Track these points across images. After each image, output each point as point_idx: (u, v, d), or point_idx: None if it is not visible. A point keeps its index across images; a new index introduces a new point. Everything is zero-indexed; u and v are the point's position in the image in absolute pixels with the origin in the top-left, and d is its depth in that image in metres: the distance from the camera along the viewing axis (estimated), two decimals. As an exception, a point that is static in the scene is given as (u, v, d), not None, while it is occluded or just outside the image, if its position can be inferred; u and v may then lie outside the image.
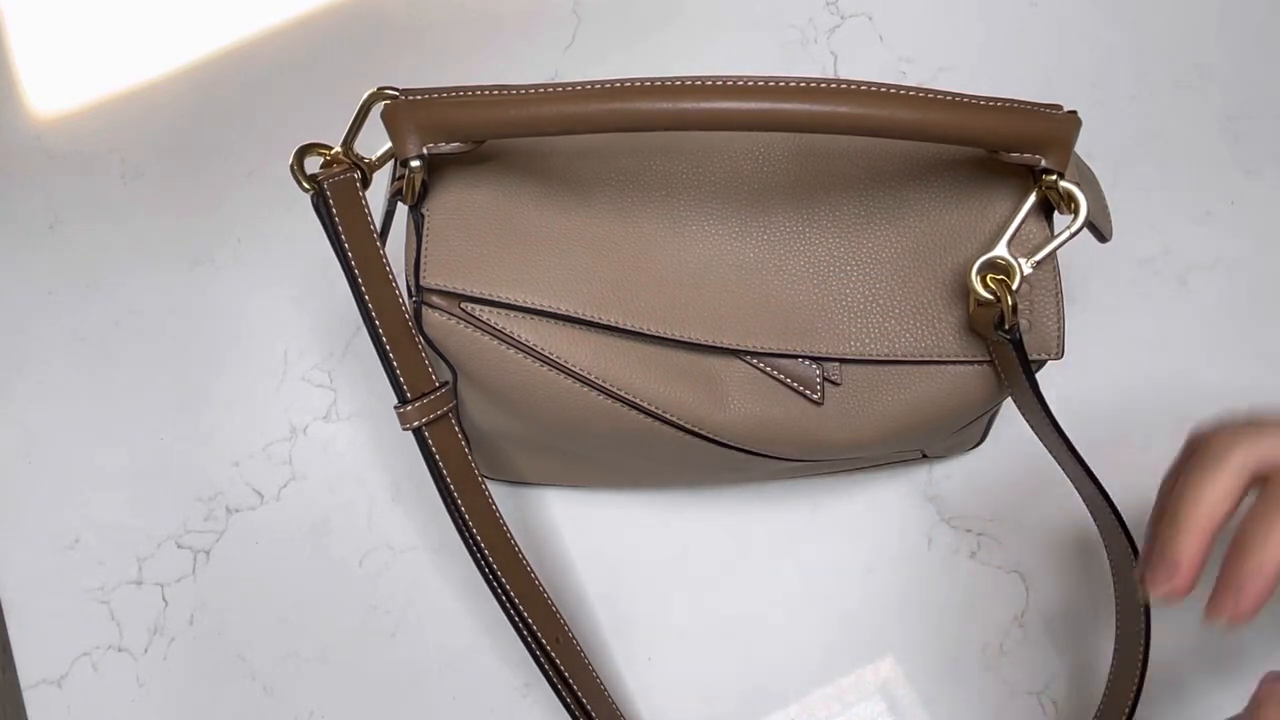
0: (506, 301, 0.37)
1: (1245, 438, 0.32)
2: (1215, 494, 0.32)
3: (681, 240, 0.39)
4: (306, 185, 0.37)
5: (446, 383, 0.40)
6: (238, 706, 0.47)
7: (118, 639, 0.48)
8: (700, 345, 0.39)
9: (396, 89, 0.36)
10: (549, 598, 0.42)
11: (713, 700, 0.47)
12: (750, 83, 0.32)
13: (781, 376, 0.39)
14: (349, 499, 0.50)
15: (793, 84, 0.32)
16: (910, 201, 0.39)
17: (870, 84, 0.33)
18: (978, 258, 0.37)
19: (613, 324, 0.38)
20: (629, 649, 0.48)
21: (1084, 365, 0.51)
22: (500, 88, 0.35)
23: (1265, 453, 0.31)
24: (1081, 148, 0.37)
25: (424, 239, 0.37)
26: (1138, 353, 0.52)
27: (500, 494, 0.44)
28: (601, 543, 0.49)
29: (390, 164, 0.38)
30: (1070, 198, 0.36)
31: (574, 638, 0.43)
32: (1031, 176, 0.36)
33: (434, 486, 0.39)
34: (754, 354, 0.39)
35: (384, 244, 0.38)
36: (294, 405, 0.52)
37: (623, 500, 0.50)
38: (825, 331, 0.39)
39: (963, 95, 0.33)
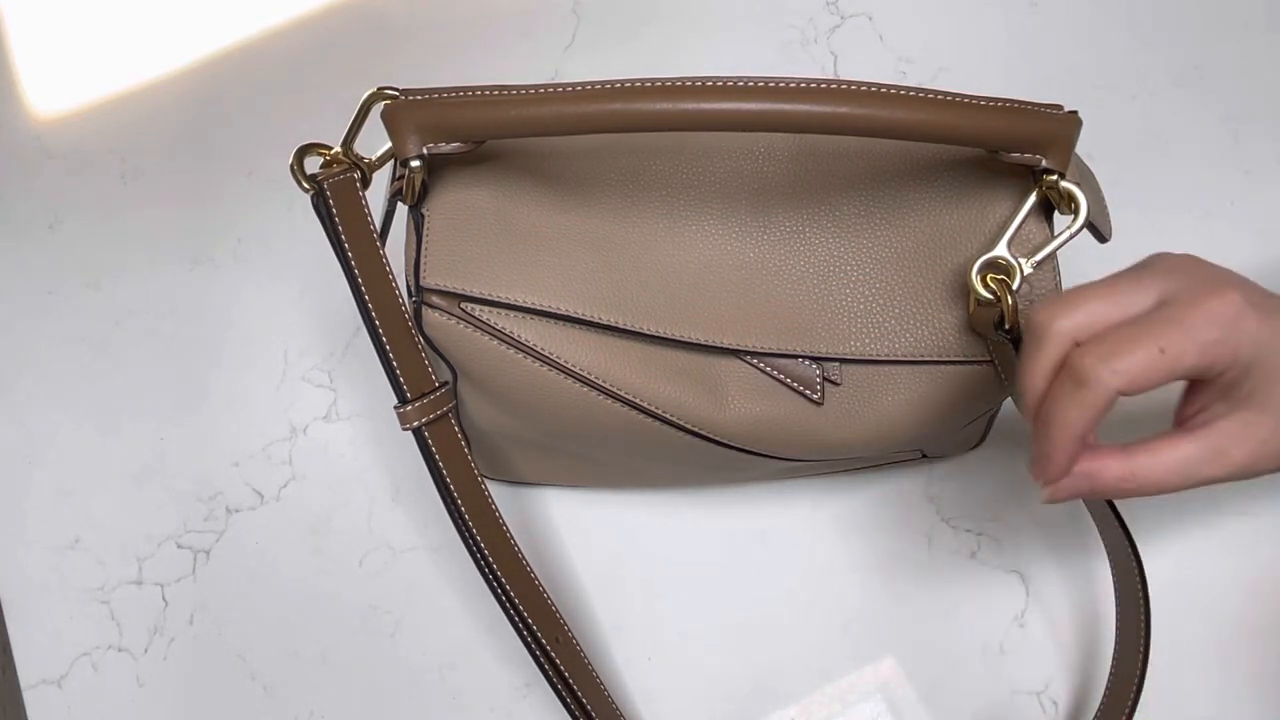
0: (506, 301, 0.37)
1: (1058, 314, 0.31)
2: (1038, 378, 0.31)
3: (681, 240, 0.39)
4: (306, 185, 0.37)
5: (446, 383, 0.40)
6: (238, 706, 0.47)
7: (118, 639, 0.48)
8: (700, 345, 0.39)
9: (396, 89, 0.36)
10: (549, 598, 0.42)
11: (712, 700, 0.47)
12: (750, 83, 0.32)
13: (781, 376, 0.39)
14: (349, 499, 0.50)
15: (793, 84, 0.32)
16: (911, 201, 0.39)
17: (870, 84, 0.33)
18: (978, 258, 0.37)
19: (613, 324, 0.38)
20: (629, 649, 0.48)
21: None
22: (500, 88, 0.35)
23: (1081, 323, 0.31)
24: (1081, 148, 0.37)
25: (424, 239, 0.37)
26: (1138, 353, 0.52)
27: (500, 494, 0.44)
28: (601, 543, 0.49)
29: (390, 164, 0.38)
30: (1070, 198, 0.36)
31: (574, 638, 0.43)
32: (1032, 177, 0.36)
33: (434, 486, 0.39)
34: (754, 354, 0.39)
35: (384, 244, 0.38)
36: (294, 405, 0.52)
37: (623, 500, 0.50)
38: (825, 331, 0.39)
39: (963, 95, 0.33)
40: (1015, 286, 0.36)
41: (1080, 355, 0.30)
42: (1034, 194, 0.37)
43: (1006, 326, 0.36)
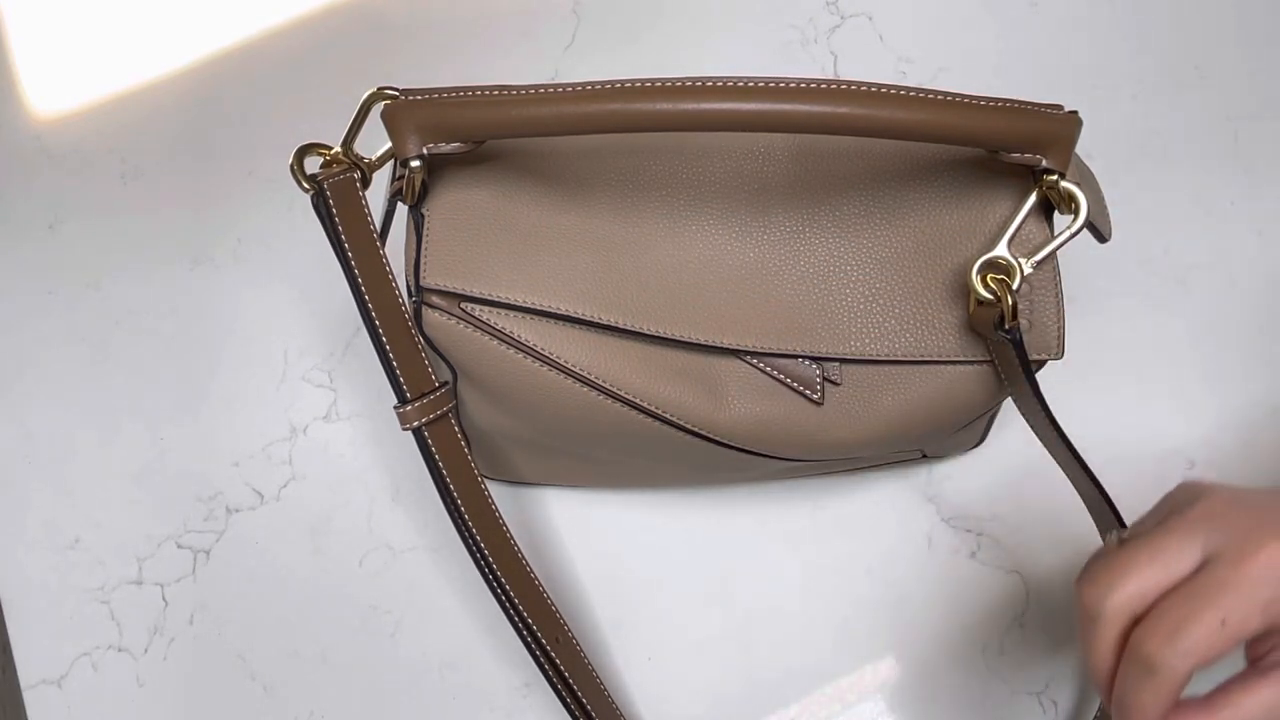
0: (506, 301, 0.37)
1: (1108, 590, 0.31)
2: (1103, 659, 0.31)
3: (681, 240, 0.39)
4: (306, 185, 0.37)
5: (446, 383, 0.40)
6: (238, 706, 0.47)
7: (118, 639, 0.48)
8: (700, 345, 0.39)
9: (396, 89, 0.36)
10: (549, 598, 0.42)
11: (713, 700, 0.47)
12: (750, 83, 0.32)
13: (781, 376, 0.39)
14: (349, 499, 0.50)
15: (793, 84, 0.32)
16: (911, 201, 0.39)
17: (870, 84, 0.33)
18: (978, 258, 0.37)
19: (613, 324, 0.38)
20: (629, 649, 0.48)
21: (1084, 365, 0.50)
22: (500, 88, 0.35)
23: (1133, 596, 0.31)
24: (1081, 148, 0.37)
25: (424, 239, 0.37)
26: (1138, 352, 0.52)
27: (500, 494, 0.44)
28: (601, 543, 0.49)
29: (390, 164, 0.38)
30: (1071, 198, 0.36)
31: (574, 638, 0.43)
32: (1032, 176, 0.36)
33: (434, 486, 0.39)
34: (754, 354, 0.39)
35: (384, 244, 0.38)
36: (294, 405, 0.52)
37: (623, 500, 0.50)
38: (825, 331, 0.39)
39: (963, 95, 0.33)
40: (1015, 286, 0.36)
41: (1143, 640, 0.30)
42: (1034, 194, 0.36)
43: (1006, 326, 0.36)
